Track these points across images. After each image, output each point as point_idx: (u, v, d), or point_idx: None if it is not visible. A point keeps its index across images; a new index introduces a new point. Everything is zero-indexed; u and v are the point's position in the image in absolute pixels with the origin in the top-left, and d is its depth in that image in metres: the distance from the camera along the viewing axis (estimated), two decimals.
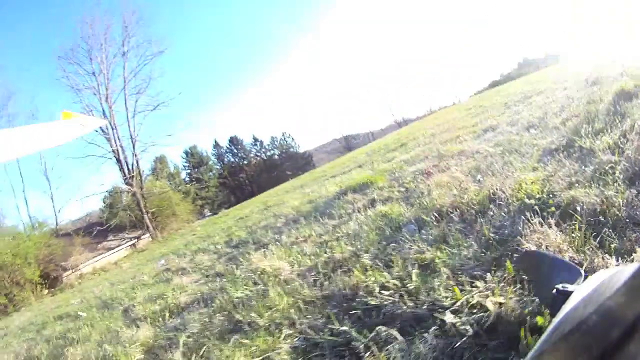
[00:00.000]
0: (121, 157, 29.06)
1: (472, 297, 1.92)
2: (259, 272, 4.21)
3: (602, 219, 2.32)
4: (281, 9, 70.23)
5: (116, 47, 30.06)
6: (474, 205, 3.43)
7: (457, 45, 76.40)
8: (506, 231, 2.66)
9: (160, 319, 4.39)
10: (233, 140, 45.69)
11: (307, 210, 7.40)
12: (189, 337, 3.29)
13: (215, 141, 45.80)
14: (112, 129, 29.06)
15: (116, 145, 29.05)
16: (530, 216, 2.58)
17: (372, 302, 2.35)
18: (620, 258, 1.90)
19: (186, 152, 42.96)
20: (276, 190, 21.34)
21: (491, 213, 3.12)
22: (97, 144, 28.69)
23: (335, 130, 48.98)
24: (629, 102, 5.00)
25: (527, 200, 3.01)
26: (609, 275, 0.52)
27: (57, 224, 30.06)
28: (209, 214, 35.35)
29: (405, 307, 2.15)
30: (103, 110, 29.01)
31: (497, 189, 3.55)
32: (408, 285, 2.39)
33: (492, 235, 2.68)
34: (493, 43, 72.42)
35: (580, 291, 0.56)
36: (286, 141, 46.13)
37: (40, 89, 52.95)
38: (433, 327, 1.85)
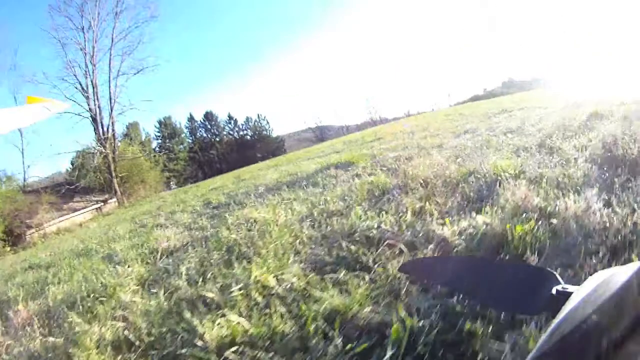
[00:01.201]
0: (98, 117, 28.30)
1: (461, 224, 2.38)
2: (251, 221, 4.45)
3: (564, 184, 2.86)
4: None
5: (110, 5, 29.14)
6: (455, 178, 3.90)
7: (443, 53, 77.28)
8: (484, 192, 3.14)
9: (151, 259, 4.43)
10: (208, 116, 45.17)
11: (289, 181, 7.54)
12: (188, 269, 3.38)
13: (191, 115, 45.19)
14: (93, 87, 28.24)
15: (95, 105, 28.26)
16: (505, 181, 3.08)
17: (372, 234, 2.75)
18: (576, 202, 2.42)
19: (160, 122, 42.18)
20: (249, 168, 21.12)
21: (471, 181, 3.61)
22: (75, 101, 27.84)
23: (310, 119, 48.72)
24: (599, 121, 5.72)
25: (502, 174, 3.51)
26: (609, 276, 0.53)
27: (24, 180, 28.91)
28: (175, 187, 34.90)
29: (404, 235, 2.57)
30: (86, 67, 28.12)
31: (475, 168, 4.06)
32: (403, 222, 2.82)
33: (472, 194, 3.16)
34: (480, 58, 73.58)
35: (580, 291, 0.56)
36: (260, 123, 45.95)
37: (24, 40, 50.31)
38: (431, 245, 2.29)
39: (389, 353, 1.45)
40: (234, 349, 1.79)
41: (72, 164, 29.94)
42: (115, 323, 2.59)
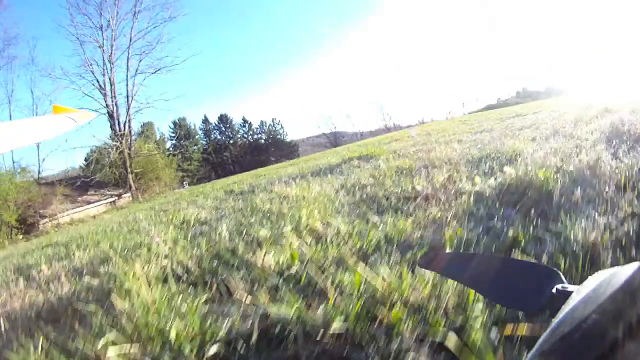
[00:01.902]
0: (114, 114, 29.00)
1: (488, 182, 2.65)
2: (282, 196, 4.66)
3: (577, 151, 3.15)
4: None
5: (129, 4, 29.90)
6: (477, 157, 4.16)
7: (458, 62, 77.33)
8: (505, 166, 3.40)
9: (183, 227, 4.48)
10: (222, 119, 45.81)
11: (313, 172, 7.66)
12: (228, 226, 3.45)
13: (205, 117, 45.86)
14: (110, 85, 28.95)
15: (112, 102, 28.96)
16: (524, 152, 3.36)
17: (408, 194, 3.02)
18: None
19: (174, 123, 42.83)
20: (265, 168, 21.34)
21: (493, 158, 3.87)
22: (92, 97, 28.58)
23: (324, 124, 49.06)
24: (609, 114, 6.01)
25: (519, 155, 3.78)
26: (609, 275, 0.52)
27: (39, 173, 29.50)
28: (188, 186, 35.35)
29: (437, 193, 2.83)
30: (104, 64, 28.84)
31: (494, 151, 4.32)
32: (436, 183, 3.09)
33: (494, 166, 3.42)
34: (494, 68, 73.49)
35: (580, 291, 0.55)
36: (275, 128, 46.53)
37: (42, 35, 51.39)
38: (464, 196, 2.56)
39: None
40: (295, 267, 2.01)
41: (86, 159, 30.50)
42: (159, 262, 2.65)
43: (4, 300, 2.86)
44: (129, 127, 29.73)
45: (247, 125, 46.31)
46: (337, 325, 1.30)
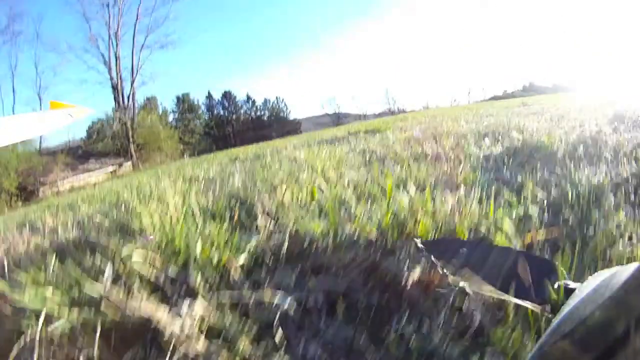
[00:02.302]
0: (118, 87, 29.05)
1: (496, 147, 2.78)
2: (292, 159, 4.70)
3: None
4: None
5: None
6: (483, 132, 4.27)
7: (466, 50, 76.44)
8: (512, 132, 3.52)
9: (194, 182, 4.33)
10: (226, 95, 45.64)
11: (318, 142, 7.70)
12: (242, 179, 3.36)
13: (209, 92, 45.63)
14: (116, 59, 28.87)
15: (116, 76, 28.93)
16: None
17: (417, 155, 3.13)
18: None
19: (178, 98, 42.68)
20: (266, 142, 21.18)
21: (499, 132, 3.98)
22: (97, 70, 28.57)
23: (327, 104, 48.81)
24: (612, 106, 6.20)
25: (526, 128, 3.90)
26: (610, 275, 0.53)
27: (41, 143, 29.54)
28: (189, 159, 35.33)
29: (447, 155, 2.95)
30: (110, 40, 28.69)
31: (501, 126, 4.43)
32: (446, 146, 3.20)
33: (500, 138, 3.54)
34: (502, 60, 72.70)
35: (581, 290, 0.57)
36: (278, 105, 46.40)
37: (48, 10, 50.66)
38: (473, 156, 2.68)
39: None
40: (315, 202, 2.06)
41: (88, 130, 30.63)
42: (174, 201, 2.48)
43: (7, 248, 2.70)
44: (133, 99, 29.84)
45: (250, 102, 46.15)
46: (367, 234, 1.39)
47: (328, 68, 71.66)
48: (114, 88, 29.19)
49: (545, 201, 1.62)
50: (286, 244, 1.43)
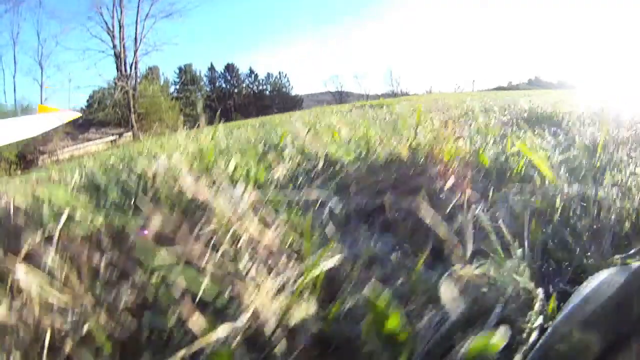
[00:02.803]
0: (122, 56, 28.85)
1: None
2: (308, 122, 4.82)
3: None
4: None
5: None
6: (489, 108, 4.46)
7: (473, 38, 75.46)
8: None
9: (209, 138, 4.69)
10: (229, 68, 45.31)
11: (325, 112, 7.80)
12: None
13: (212, 64, 45.30)
14: (120, 27, 28.61)
15: (120, 44, 28.71)
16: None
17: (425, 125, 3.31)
18: None
19: (180, 69, 42.31)
20: (268, 116, 21.10)
21: (504, 107, 4.17)
22: (100, 39, 28.33)
23: (330, 82, 48.47)
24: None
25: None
26: (610, 275, 0.53)
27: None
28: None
29: (455, 121, 3.14)
30: (114, 7, 28.37)
31: (506, 103, 4.62)
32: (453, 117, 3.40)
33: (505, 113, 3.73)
34: (509, 51, 71.81)
35: (581, 290, 0.57)
36: (281, 80, 46.13)
37: None
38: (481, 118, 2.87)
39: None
40: None
41: (89, 100, 30.59)
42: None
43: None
44: (135, 68, 29.70)
45: (253, 76, 45.87)
46: (398, 154, 1.52)
47: (332, 45, 71.00)
48: (117, 57, 29.01)
49: None
50: (320, 165, 1.57)
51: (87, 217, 1.04)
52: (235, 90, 44.86)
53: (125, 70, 29.14)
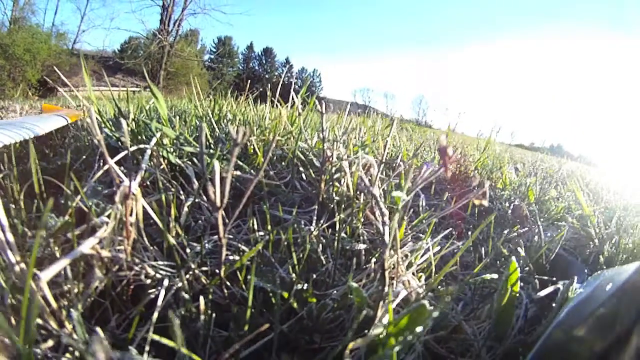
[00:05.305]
0: (169, 9, 28.90)
1: None
2: None
3: None
4: None
5: None
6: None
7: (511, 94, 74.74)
8: None
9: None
10: (267, 52, 45.19)
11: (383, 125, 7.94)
12: None
13: (251, 43, 45.21)
14: None
15: None
16: None
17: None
18: None
19: (219, 39, 42.13)
20: None
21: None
22: None
23: (359, 94, 48.20)
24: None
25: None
26: (609, 275, 0.53)
27: (74, 42, 29.13)
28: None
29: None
30: None
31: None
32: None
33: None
34: (540, 113, 70.87)
35: (581, 290, 0.57)
36: (313, 79, 46.10)
37: None
38: None
39: None
40: None
41: (123, 45, 30.56)
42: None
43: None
44: (179, 26, 29.74)
45: (288, 66, 45.80)
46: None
47: (371, 58, 70.87)
48: (164, 9, 29.02)
49: None
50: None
51: None
52: (267, 76, 44.80)
53: (168, 25, 29.12)
